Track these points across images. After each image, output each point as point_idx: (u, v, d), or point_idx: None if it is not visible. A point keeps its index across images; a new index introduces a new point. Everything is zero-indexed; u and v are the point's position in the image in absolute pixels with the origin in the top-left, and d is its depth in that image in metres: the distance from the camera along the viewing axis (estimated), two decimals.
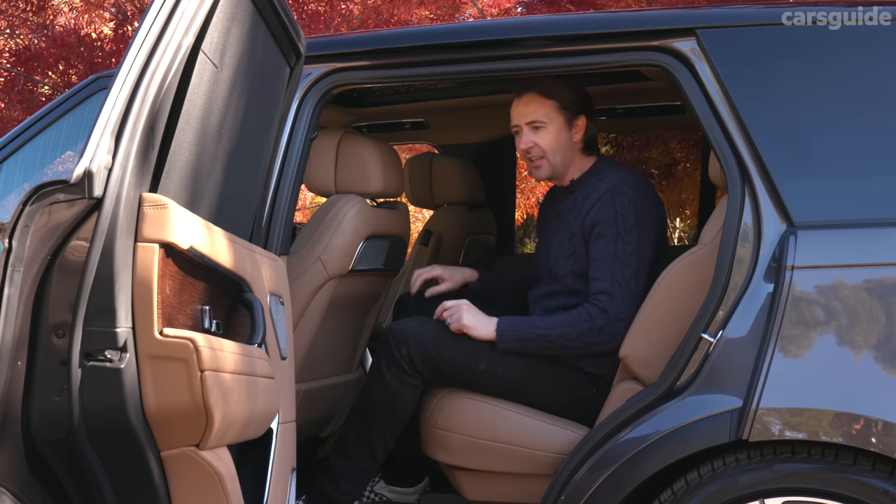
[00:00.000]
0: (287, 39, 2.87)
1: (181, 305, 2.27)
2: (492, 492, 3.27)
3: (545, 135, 3.40)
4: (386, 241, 3.58)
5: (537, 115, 3.39)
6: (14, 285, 2.10)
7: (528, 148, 3.42)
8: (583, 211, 3.34)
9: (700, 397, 2.71)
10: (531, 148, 3.42)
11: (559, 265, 3.38)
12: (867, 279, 2.66)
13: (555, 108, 3.40)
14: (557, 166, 3.44)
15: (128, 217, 2.13)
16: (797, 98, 2.82)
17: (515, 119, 3.45)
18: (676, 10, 3.02)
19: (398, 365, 3.26)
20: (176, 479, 2.26)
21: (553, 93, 3.39)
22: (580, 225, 3.33)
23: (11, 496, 2.14)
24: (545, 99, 3.39)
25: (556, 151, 3.41)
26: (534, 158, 3.43)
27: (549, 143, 3.40)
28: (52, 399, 2.13)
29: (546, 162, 3.43)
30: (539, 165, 3.44)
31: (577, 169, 3.48)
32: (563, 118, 3.41)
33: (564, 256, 3.36)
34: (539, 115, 3.39)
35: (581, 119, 3.43)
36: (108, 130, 2.11)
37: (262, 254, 2.78)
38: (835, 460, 2.60)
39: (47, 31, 8.45)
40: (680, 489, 2.72)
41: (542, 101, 3.40)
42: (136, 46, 2.19)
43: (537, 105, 3.40)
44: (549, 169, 3.44)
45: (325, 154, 3.50)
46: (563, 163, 3.44)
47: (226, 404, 2.22)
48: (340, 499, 3.36)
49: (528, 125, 3.41)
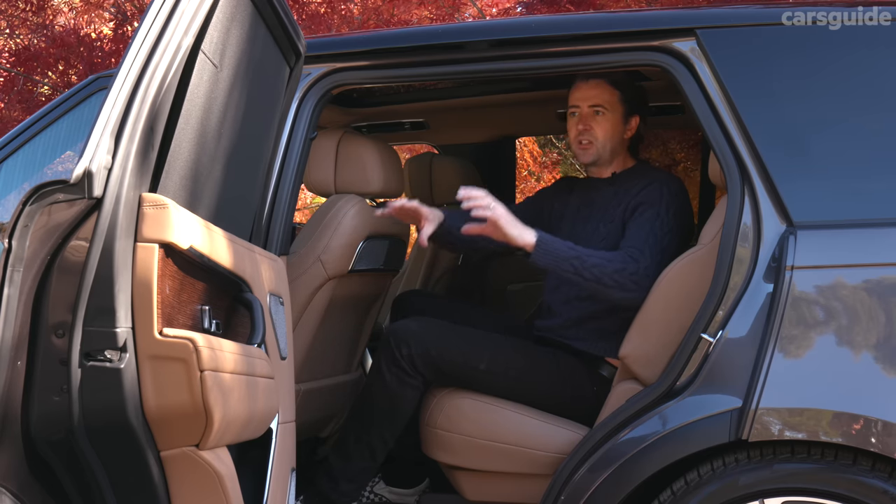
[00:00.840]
0: (287, 39, 2.87)
1: (181, 305, 2.27)
2: (492, 492, 3.27)
3: (602, 121, 3.43)
4: (385, 241, 3.58)
5: (601, 100, 3.43)
6: (14, 285, 2.10)
7: (584, 130, 3.45)
8: (626, 198, 3.38)
9: (700, 397, 2.71)
10: (586, 131, 3.44)
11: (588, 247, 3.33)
12: (867, 279, 2.66)
13: (618, 99, 3.44)
14: (604, 155, 3.47)
15: (127, 217, 2.14)
16: (797, 98, 2.82)
17: (577, 100, 3.47)
18: (676, 11, 3.03)
19: (398, 365, 3.26)
20: (175, 479, 2.26)
21: (620, 83, 3.44)
22: (623, 210, 3.36)
23: (11, 496, 2.14)
24: (612, 87, 3.43)
25: (608, 140, 3.45)
26: (584, 142, 3.46)
27: (604, 130, 3.44)
28: (51, 399, 2.13)
29: (595, 147, 3.45)
30: (587, 149, 3.47)
31: (620, 164, 3.52)
32: (622, 111, 3.45)
33: (597, 240, 3.37)
34: (603, 100, 3.43)
35: (635, 118, 3.48)
36: (108, 130, 2.12)
37: (261, 254, 2.78)
38: (834, 460, 2.60)
39: (47, 31, 8.45)
40: (680, 489, 2.72)
41: (608, 89, 3.43)
42: (136, 46, 2.19)
43: (603, 90, 3.43)
44: (596, 155, 3.47)
45: (324, 154, 3.50)
46: (610, 153, 3.48)
47: (225, 404, 2.23)
48: (340, 499, 3.36)
49: (589, 108, 3.44)
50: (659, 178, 3.39)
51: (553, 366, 3.32)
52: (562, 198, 3.68)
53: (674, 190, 3.34)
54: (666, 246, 3.21)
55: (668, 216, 3.27)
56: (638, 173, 3.47)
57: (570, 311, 3.40)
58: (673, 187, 3.35)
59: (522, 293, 4.97)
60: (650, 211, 3.29)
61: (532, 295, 4.74)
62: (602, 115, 3.43)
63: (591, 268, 3.14)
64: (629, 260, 3.16)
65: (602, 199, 3.48)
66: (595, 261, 3.15)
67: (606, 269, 3.14)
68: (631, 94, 3.46)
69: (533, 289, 4.78)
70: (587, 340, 3.35)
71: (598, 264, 3.14)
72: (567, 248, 3.17)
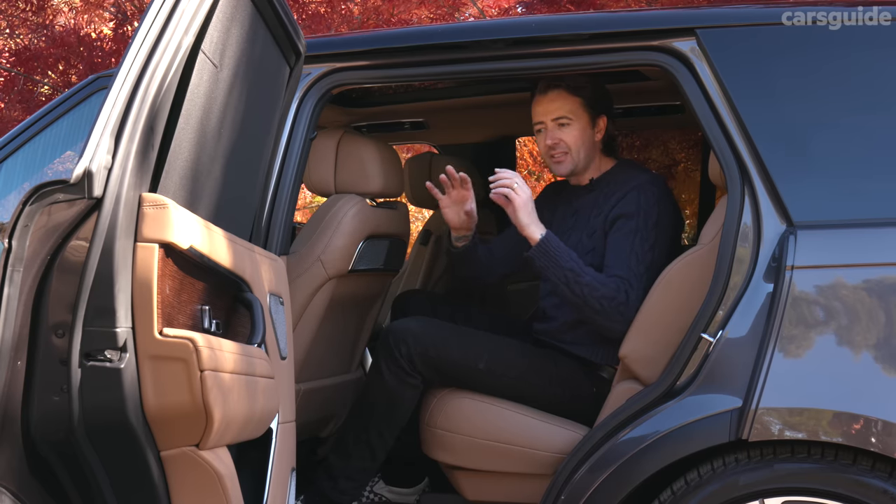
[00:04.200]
0: (287, 39, 2.88)
1: (181, 305, 2.27)
2: (492, 491, 3.28)
3: (570, 131, 3.41)
4: (386, 241, 3.59)
5: (564, 112, 3.40)
6: (14, 285, 2.11)
7: (554, 143, 3.42)
8: (605, 208, 3.36)
9: (700, 397, 2.71)
10: (557, 143, 3.42)
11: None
12: (867, 279, 2.66)
13: (580, 105, 3.41)
14: (580, 163, 3.45)
15: (127, 217, 2.14)
16: (797, 98, 2.83)
17: (540, 116, 3.45)
18: (676, 10, 3.03)
19: (398, 365, 3.27)
20: (175, 479, 2.26)
21: (579, 89, 3.40)
22: (602, 221, 3.34)
23: (11, 495, 2.14)
24: (571, 95, 3.40)
25: (581, 148, 3.43)
26: (557, 154, 3.44)
27: (574, 139, 3.41)
28: (51, 399, 2.13)
29: (570, 158, 3.43)
30: (562, 161, 3.44)
31: (597, 168, 3.50)
32: (588, 116, 3.42)
33: (583, 252, 3.36)
34: (565, 111, 3.40)
35: (602, 119, 3.46)
36: (108, 130, 2.12)
37: (261, 254, 2.78)
38: (834, 460, 2.61)
39: (47, 31, 8.47)
40: (680, 489, 2.73)
41: (569, 98, 3.41)
42: (136, 46, 2.19)
43: (563, 101, 3.41)
44: (572, 165, 3.45)
45: (324, 154, 3.51)
46: (585, 160, 3.46)
47: (225, 404, 2.23)
48: (340, 499, 3.37)
49: (553, 121, 3.42)
50: (636, 184, 3.35)
51: (552, 366, 3.33)
52: (550, 206, 3.67)
53: (651, 198, 3.29)
54: (650, 264, 3.20)
55: (646, 229, 3.25)
56: (616, 176, 3.44)
57: (565, 315, 3.40)
58: (650, 194, 3.30)
59: (522, 293, 4.97)
60: (628, 225, 3.27)
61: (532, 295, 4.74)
62: (568, 125, 3.41)
63: (583, 285, 3.17)
64: (621, 291, 3.16)
65: (584, 208, 3.46)
66: (588, 280, 3.17)
67: (596, 293, 3.16)
68: (592, 98, 3.42)
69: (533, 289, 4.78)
70: (584, 345, 3.35)
71: (590, 284, 3.17)
72: (567, 259, 3.20)
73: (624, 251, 3.23)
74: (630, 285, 3.17)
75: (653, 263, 3.20)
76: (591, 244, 3.36)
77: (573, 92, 3.39)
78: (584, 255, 3.35)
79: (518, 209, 3.23)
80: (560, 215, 3.57)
